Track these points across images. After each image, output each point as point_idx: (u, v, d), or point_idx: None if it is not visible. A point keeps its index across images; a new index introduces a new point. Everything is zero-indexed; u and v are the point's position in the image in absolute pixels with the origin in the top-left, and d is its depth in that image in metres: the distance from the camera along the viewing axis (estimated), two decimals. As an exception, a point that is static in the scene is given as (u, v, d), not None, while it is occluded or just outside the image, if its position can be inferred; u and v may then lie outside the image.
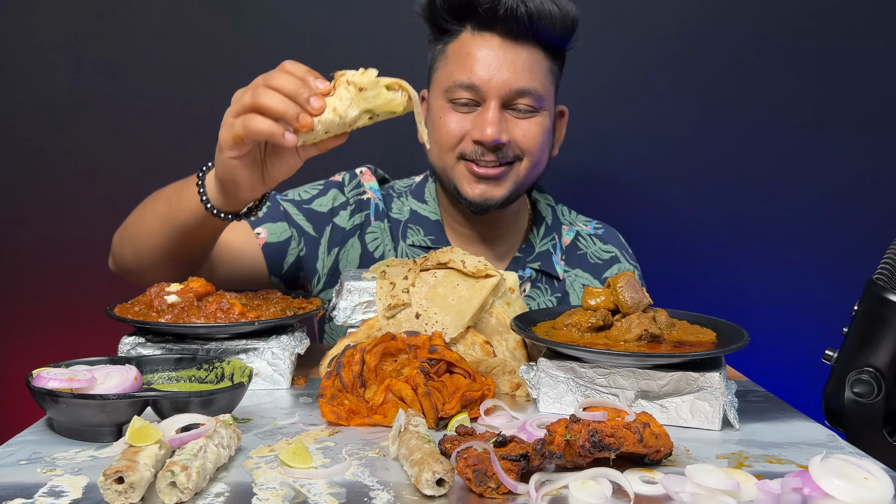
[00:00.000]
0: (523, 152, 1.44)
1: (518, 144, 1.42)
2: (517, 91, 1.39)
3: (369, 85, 0.99)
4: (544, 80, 1.43)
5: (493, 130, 1.38)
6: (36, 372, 0.90)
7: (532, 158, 1.45)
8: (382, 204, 1.56)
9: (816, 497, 0.73)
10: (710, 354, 0.95)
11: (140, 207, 1.35)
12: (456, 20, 1.42)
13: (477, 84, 1.39)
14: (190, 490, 0.71)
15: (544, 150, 1.48)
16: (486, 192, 1.43)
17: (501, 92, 1.39)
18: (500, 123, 1.39)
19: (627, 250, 1.65)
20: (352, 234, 1.53)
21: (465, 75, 1.39)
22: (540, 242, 1.58)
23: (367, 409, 0.95)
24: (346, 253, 1.52)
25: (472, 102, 1.41)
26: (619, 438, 0.76)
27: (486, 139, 1.38)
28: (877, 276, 1.02)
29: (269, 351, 1.08)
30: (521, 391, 1.07)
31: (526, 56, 1.40)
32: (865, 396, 0.99)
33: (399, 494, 0.74)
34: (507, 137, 1.40)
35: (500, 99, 1.39)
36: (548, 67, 1.44)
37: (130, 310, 1.10)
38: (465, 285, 1.14)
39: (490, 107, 1.39)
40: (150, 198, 1.34)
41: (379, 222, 1.55)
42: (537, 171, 1.49)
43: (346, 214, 1.53)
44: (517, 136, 1.42)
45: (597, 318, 1.04)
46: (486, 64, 1.39)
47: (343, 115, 0.99)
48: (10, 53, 1.94)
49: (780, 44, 2.01)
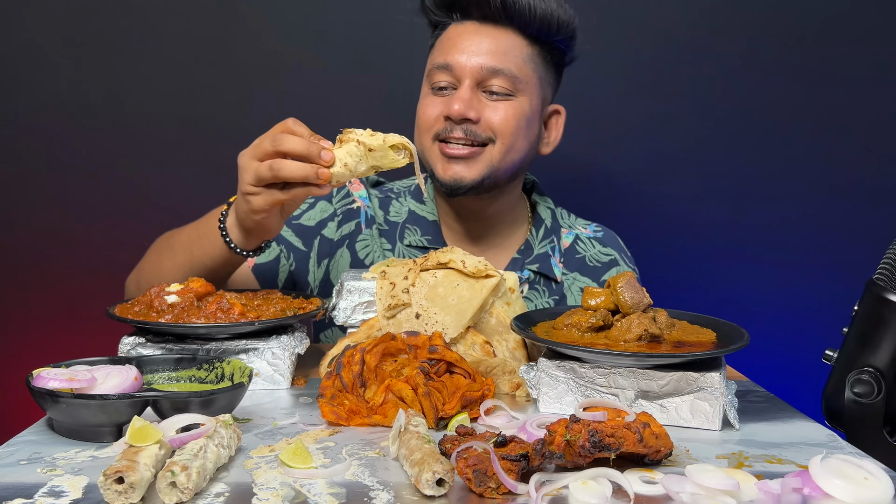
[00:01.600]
0: (495, 134, 1.43)
1: (490, 126, 1.42)
2: (489, 70, 1.41)
3: (378, 147, 1.12)
4: (522, 65, 1.43)
5: (460, 105, 1.39)
6: (36, 372, 0.90)
7: (505, 142, 1.43)
8: (372, 211, 1.56)
9: (816, 497, 0.73)
10: (710, 354, 0.95)
11: (155, 256, 1.41)
12: (444, 12, 1.47)
13: (451, 64, 1.42)
14: (190, 490, 0.71)
15: (519, 137, 1.45)
16: (456, 173, 1.43)
17: (474, 71, 1.41)
18: (471, 101, 1.41)
19: (626, 253, 1.65)
20: (340, 244, 1.54)
21: (442, 58, 1.44)
22: (539, 245, 1.58)
23: (367, 409, 0.95)
24: (335, 263, 1.53)
25: (450, 86, 1.44)
26: (619, 438, 0.76)
27: (453, 114, 1.39)
28: (877, 276, 1.02)
29: (269, 351, 1.08)
30: (521, 391, 1.07)
31: (503, 39, 1.43)
32: (865, 396, 0.99)
33: (399, 494, 0.74)
34: (477, 115, 1.41)
35: (474, 79, 1.42)
36: (528, 54, 1.45)
37: (130, 310, 1.10)
38: (466, 285, 1.14)
39: (464, 86, 1.41)
40: (163, 245, 1.40)
41: (369, 230, 1.55)
42: (513, 158, 1.46)
43: (333, 226, 1.53)
44: (488, 116, 1.42)
45: (597, 319, 1.04)
46: (462, 47, 1.42)
47: (353, 169, 1.12)
48: (10, 53, 1.94)
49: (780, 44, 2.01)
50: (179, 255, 1.33)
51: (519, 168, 1.50)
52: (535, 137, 1.50)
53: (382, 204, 1.59)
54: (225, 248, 1.25)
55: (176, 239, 1.37)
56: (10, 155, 1.98)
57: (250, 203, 1.15)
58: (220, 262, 1.28)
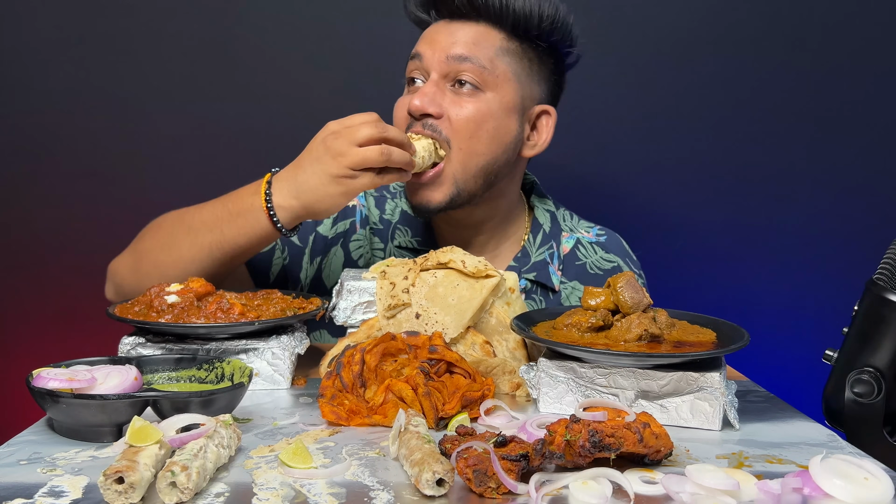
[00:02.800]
0: (452, 135, 1.34)
1: (449, 122, 1.33)
2: (455, 58, 1.34)
3: None
4: (493, 58, 1.35)
5: (420, 100, 1.32)
6: (36, 372, 0.90)
7: (461, 147, 1.34)
8: (367, 210, 1.54)
9: (816, 497, 0.73)
10: (710, 354, 0.95)
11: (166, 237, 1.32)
12: (424, 11, 1.46)
13: (420, 52, 1.39)
14: (190, 490, 0.71)
15: (480, 139, 1.35)
16: (423, 197, 1.37)
17: (440, 60, 1.36)
18: (433, 95, 1.34)
19: (631, 257, 1.59)
20: (335, 242, 1.50)
21: (414, 49, 1.41)
22: (536, 252, 1.51)
23: (367, 409, 0.95)
24: (328, 262, 1.50)
25: (420, 80, 1.40)
26: (619, 438, 0.76)
27: (413, 109, 1.33)
28: (877, 276, 1.02)
29: (269, 351, 1.08)
30: (521, 391, 1.07)
31: (472, 30, 1.37)
32: (865, 396, 0.99)
33: (399, 494, 0.74)
34: (438, 110, 1.33)
35: (441, 70, 1.36)
36: (504, 48, 1.37)
37: (130, 310, 1.10)
38: (466, 285, 1.14)
39: (430, 80, 1.37)
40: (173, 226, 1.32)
41: (363, 230, 1.53)
42: (477, 162, 1.36)
43: (328, 222, 1.50)
44: (450, 111, 1.34)
45: (597, 319, 1.04)
46: (431, 38, 1.40)
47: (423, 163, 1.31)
48: (10, 53, 1.94)
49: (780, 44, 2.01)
50: (204, 235, 1.26)
51: (492, 173, 1.39)
52: (510, 138, 1.39)
53: (378, 202, 1.56)
54: (268, 227, 1.23)
55: (195, 218, 1.29)
56: (10, 155, 1.98)
57: (348, 185, 1.19)
58: (256, 241, 1.25)
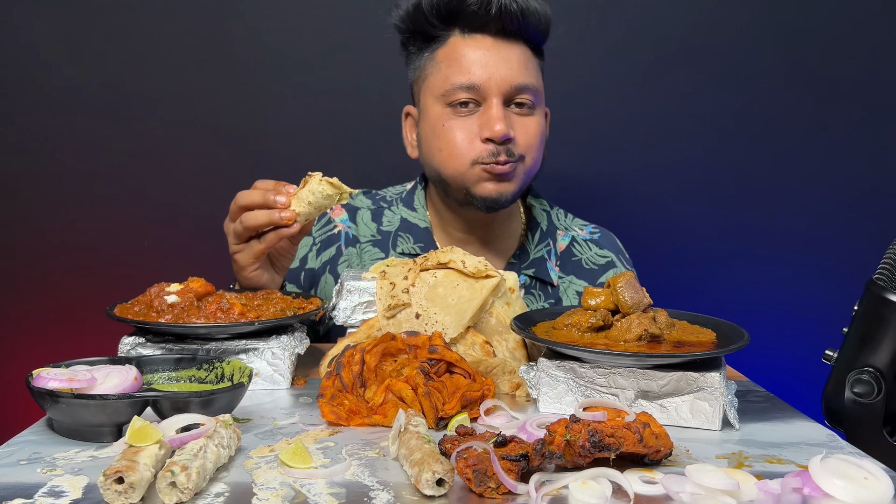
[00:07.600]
0: (525, 150, 1.42)
1: (522, 142, 1.42)
2: (517, 87, 1.39)
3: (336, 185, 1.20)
4: (537, 77, 1.44)
5: (501, 126, 1.37)
6: (36, 372, 0.90)
7: (533, 156, 1.44)
8: (354, 230, 1.57)
9: (816, 497, 0.73)
10: (710, 354, 0.95)
11: None
12: (444, 25, 1.41)
13: (477, 83, 1.38)
14: (190, 490, 0.71)
15: (541, 150, 1.47)
16: (500, 189, 1.42)
17: (502, 88, 1.38)
18: (506, 119, 1.39)
19: (624, 254, 1.63)
20: (322, 271, 1.54)
21: (464, 77, 1.38)
22: (535, 249, 1.57)
23: (367, 409, 0.95)
24: (321, 291, 1.54)
25: (472, 102, 1.40)
26: (619, 438, 0.76)
27: (496, 135, 1.37)
28: (877, 276, 1.02)
29: (269, 351, 1.08)
30: (521, 391, 1.07)
31: (519, 53, 1.41)
32: (865, 396, 0.99)
33: (399, 494, 0.74)
34: (514, 134, 1.40)
35: (502, 96, 1.39)
36: (538, 64, 1.46)
37: (130, 310, 1.10)
38: (466, 285, 1.14)
39: (493, 104, 1.38)
40: None
41: (351, 248, 1.56)
42: (535, 170, 1.48)
43: (313, 255, 1.55)
44: (519, 132, 1.41)
45: (597, 318, 1.04)
46: (483, 63, 1.38)
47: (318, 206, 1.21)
48: (10, 53, 1.94)
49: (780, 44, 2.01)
50: None
51: (536, 177, 1.51)
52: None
53: (375, 215, 1.58)
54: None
55: None
56: (10, 155, 1.98)
57: (237, 262, 1.27)
58: None
